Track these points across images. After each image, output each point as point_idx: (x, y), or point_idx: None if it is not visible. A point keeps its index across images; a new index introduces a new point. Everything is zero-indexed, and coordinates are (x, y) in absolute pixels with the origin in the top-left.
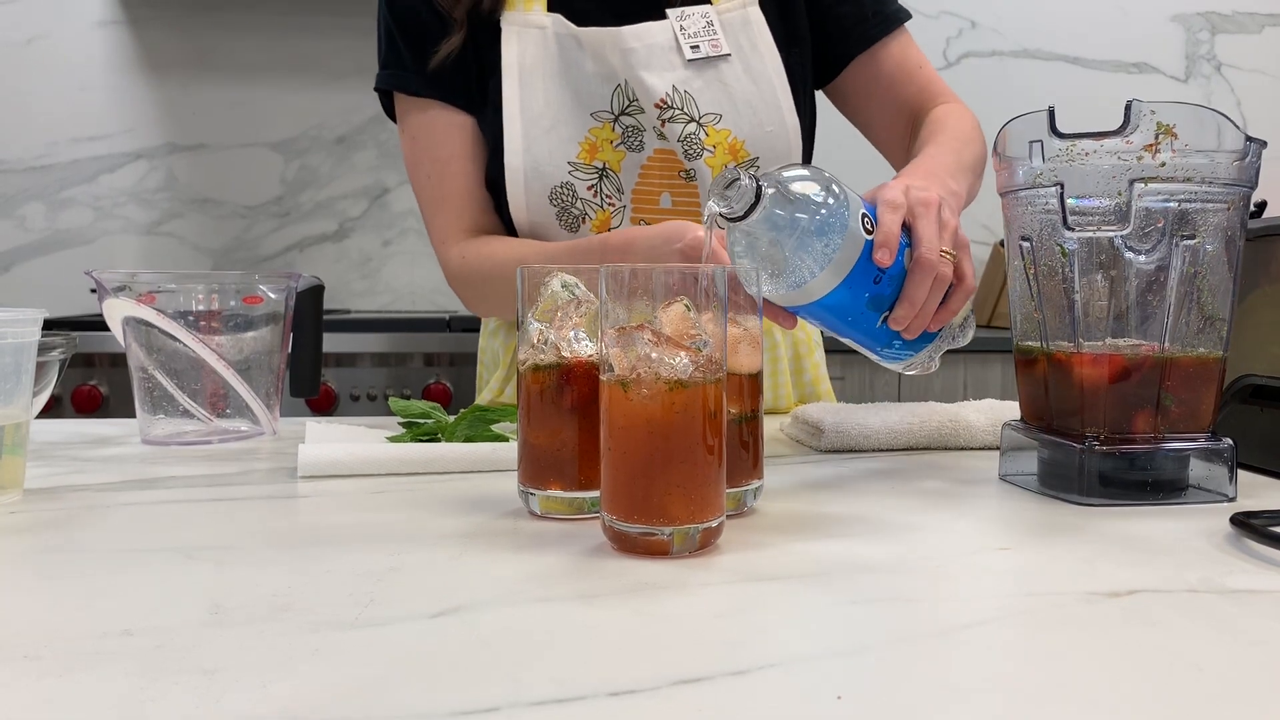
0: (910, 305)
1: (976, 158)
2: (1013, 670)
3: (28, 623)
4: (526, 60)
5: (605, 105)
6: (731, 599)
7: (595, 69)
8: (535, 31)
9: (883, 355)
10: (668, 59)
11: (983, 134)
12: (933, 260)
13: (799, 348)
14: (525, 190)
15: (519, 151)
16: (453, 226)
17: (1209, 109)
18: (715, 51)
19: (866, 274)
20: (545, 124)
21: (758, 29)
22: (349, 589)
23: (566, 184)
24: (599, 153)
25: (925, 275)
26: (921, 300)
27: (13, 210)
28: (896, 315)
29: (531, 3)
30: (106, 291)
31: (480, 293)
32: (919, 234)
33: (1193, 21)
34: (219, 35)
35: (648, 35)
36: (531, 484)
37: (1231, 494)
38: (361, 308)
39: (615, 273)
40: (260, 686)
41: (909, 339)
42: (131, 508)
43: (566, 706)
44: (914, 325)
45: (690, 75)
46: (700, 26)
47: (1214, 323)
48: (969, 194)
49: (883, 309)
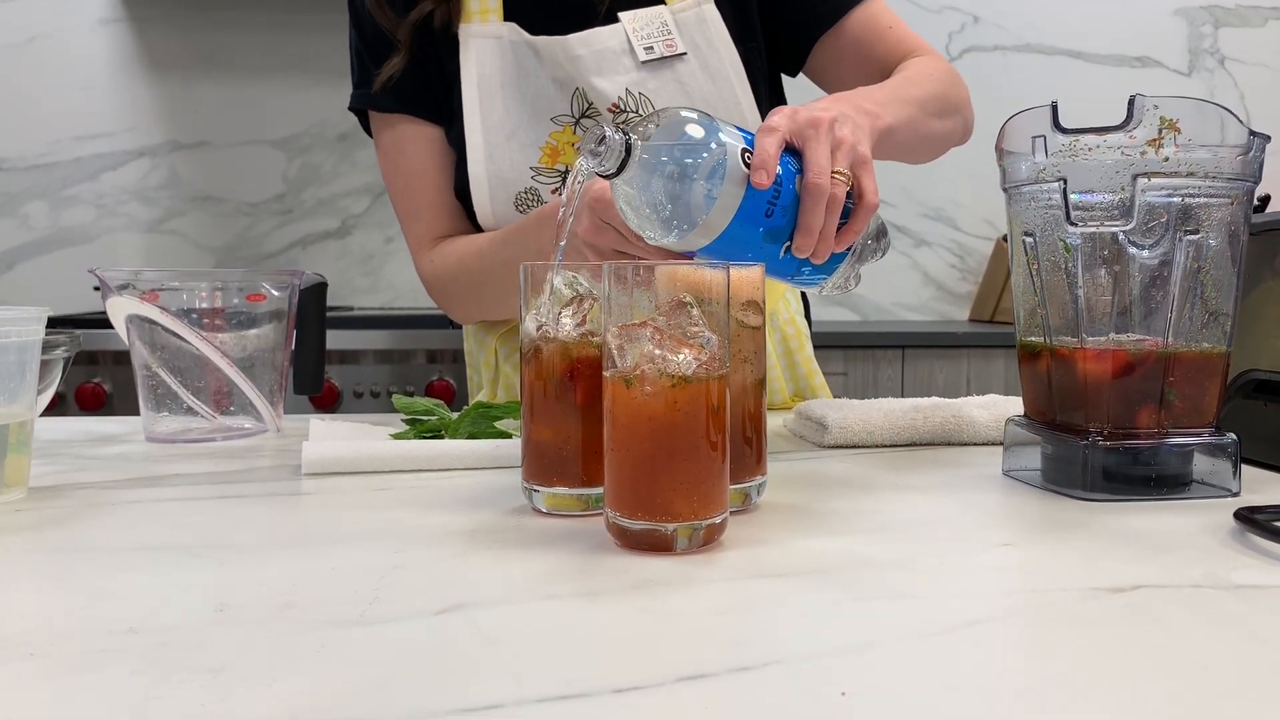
0: (808, 233)
1: (928, 95)
2: (1016, 666)
3: (32, 621)
4: (485, 70)
5: (565, 109)
6: (735, 595)
7: (551, 75)
8: (491, 42)
9: (795, 282)
10: (620, 63)
11: (954, 79)
12: (821, 184)
13: (789, 342)
14: (490, 197)
15: (482, 160)
16: (425, 236)
17: (1212, 103)
18: (670, 51)
19: (756, 209)
20: (506, 131)
21: (714, 26)
22: (353, 586)
23: (530, 189)
24: (561, 156)
25: (816, 200)
26: (818, 226)
27: (16, 209)
28: (797, 244)
29: (488, 14)
30: (110, 289)
31: (451, 294)
32: (806, 157)
33: (1196, 15)
34: (221, 33)
35: (596, 41)
36: (535, 481)
37: (1235, 489)
38: (364, 305)
39: (619, 270)
40: (266, 684)
41: (817, 264)
42: (136, 505)
43: (571, 703)
44: (818, 251)
45: (645, 77)
46: (655, 28)
47: (1218, 318)
48: (907, 126)
49: (783, 240)
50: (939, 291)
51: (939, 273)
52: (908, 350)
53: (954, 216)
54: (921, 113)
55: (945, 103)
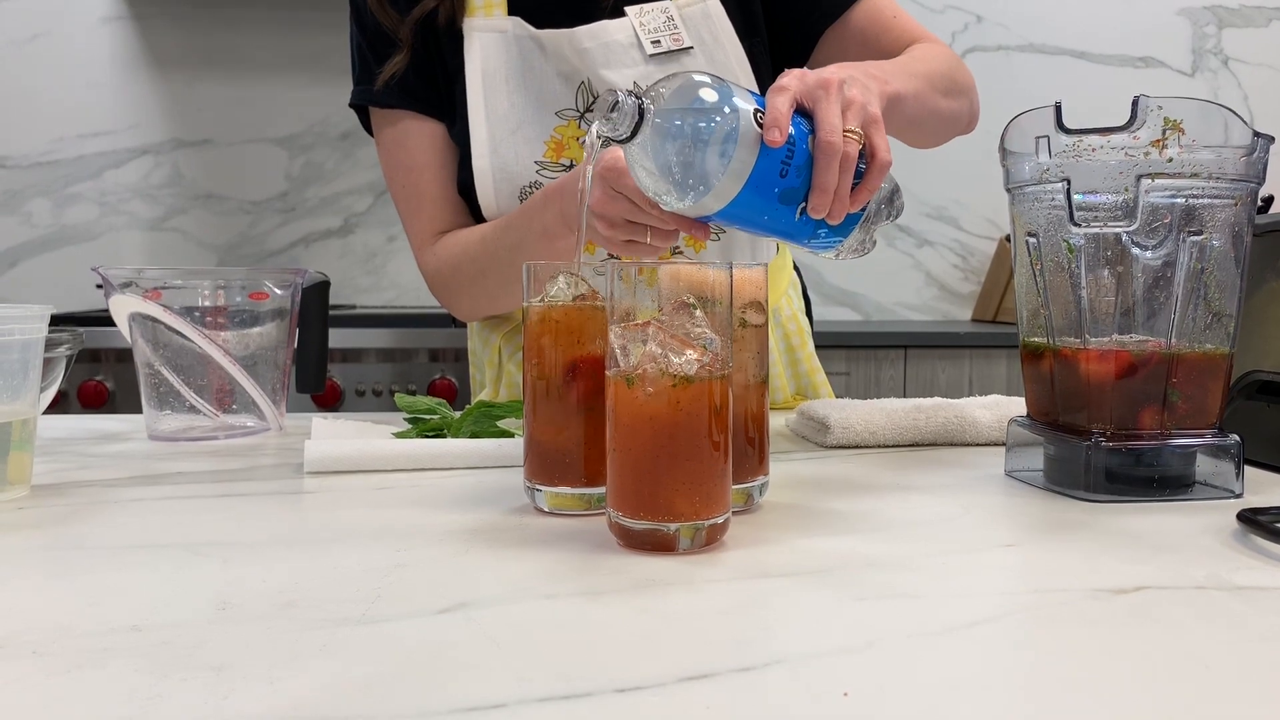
0: (823, 192)
1: (935, 71)
2: (1019, 667)
3: (35, 619)
4: (489, 65)
5: (570, 103)
6: (738, 595)
7: (557, 69)
8: (496, 35)
9: (811, 246)
10: (628, 56)
11: (960, 63)
12: (834, 142)
13: (791, 339)
14: (495, 192)
15: (486, 154)
16: (426, 232)
17: (1216, 104)
18: (676, 45)
19: (770, 170)
20: (510, 125)
21: (719, 21)
22: (355, 585)
23: (535, 183)
24: (565, 150)
25: (830, 159)
26: (833, 185)
27: (19, 206)
28: (812, 204)
29: (492, 7)
30: (113, 287)
31: (454, 287)
32: (818, 117)
33: (1199, 15)
34: (224, 31)
35: (604, 34)
36: (537, 480)
37: (1238, 490)
38: (367, 303)
39: (623, 269)
40: (267, 683)
41: (833, 224)
42: (138, 504)
43: (573, 703)
44: (834, 211)
45: (652, 70)
46: (660, 22)
47: (1221, 318)
48: (915, 98)
49: (797, 201)
50: (941, 291)
51: (942, 272)
52: (910, 350)
53: (957, 216)
54: (929, 87)
55: (953, 82)
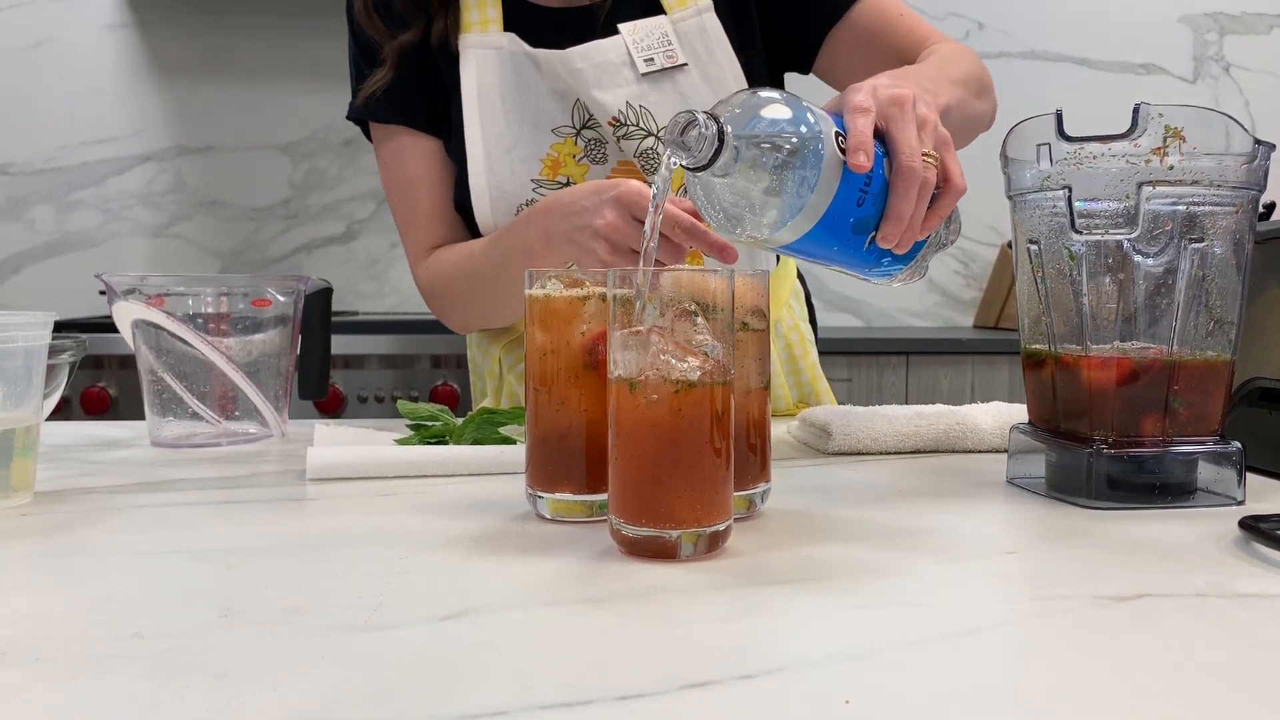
0: (898, 221)
1: (967, 75)
2: (1020, 674)
3: (38, 625)
4: (484, 81)
5: (566, 120)
6: (739, 602)
7: (551, 86)
8: (492, 52)
9: (873, 275)
10: (620, 75)
11: (980, 60)
12: (915, 167)
13: (793, 349)
14: (492, 209)
15: (483, 172)
16: (421, 246)
17: (1217, 112)
18: (671, 63)
19: (849, 198)
20: (507, 143)
21: (714, 36)
22: (358, 592)
23: (531, 201)
24: (562, 168)
25: (909, 185)
26: (909, 213)
27: (22, 213)
28: (884, 234)
29: (488, 24)
30: (116, 294)
31: (446, 299)
32: (895, 139)
33: (1201, 22)
34: (227, 38)
35: (596, 54)
36: (539, 486)
37: (1240, 497)
38: (369, 309)
39: (624, 276)
40: (270, 689)
41: (900, 254)
42: (141, 510)
43: (574, 711)
44: (905, 240)
45: (645, 89)
46: (655, 39)
47: (1222, 326)
48: (959, 107)
49: (869, 230)
50: (943, 298)
51: (943, 279)
52: (912, 356)
53: None
54: (966, 93)
55: (981, 83)
